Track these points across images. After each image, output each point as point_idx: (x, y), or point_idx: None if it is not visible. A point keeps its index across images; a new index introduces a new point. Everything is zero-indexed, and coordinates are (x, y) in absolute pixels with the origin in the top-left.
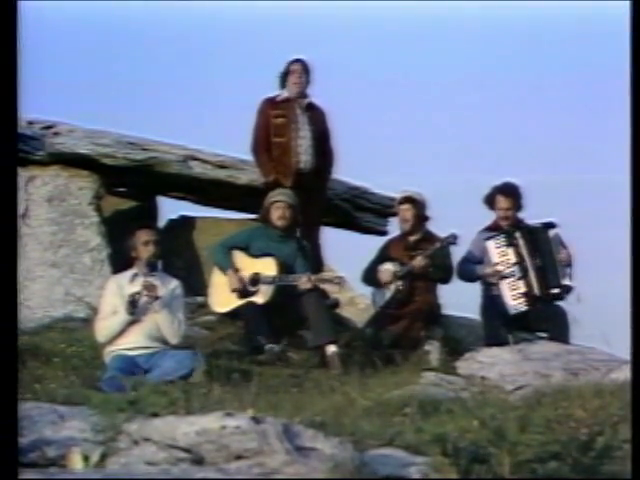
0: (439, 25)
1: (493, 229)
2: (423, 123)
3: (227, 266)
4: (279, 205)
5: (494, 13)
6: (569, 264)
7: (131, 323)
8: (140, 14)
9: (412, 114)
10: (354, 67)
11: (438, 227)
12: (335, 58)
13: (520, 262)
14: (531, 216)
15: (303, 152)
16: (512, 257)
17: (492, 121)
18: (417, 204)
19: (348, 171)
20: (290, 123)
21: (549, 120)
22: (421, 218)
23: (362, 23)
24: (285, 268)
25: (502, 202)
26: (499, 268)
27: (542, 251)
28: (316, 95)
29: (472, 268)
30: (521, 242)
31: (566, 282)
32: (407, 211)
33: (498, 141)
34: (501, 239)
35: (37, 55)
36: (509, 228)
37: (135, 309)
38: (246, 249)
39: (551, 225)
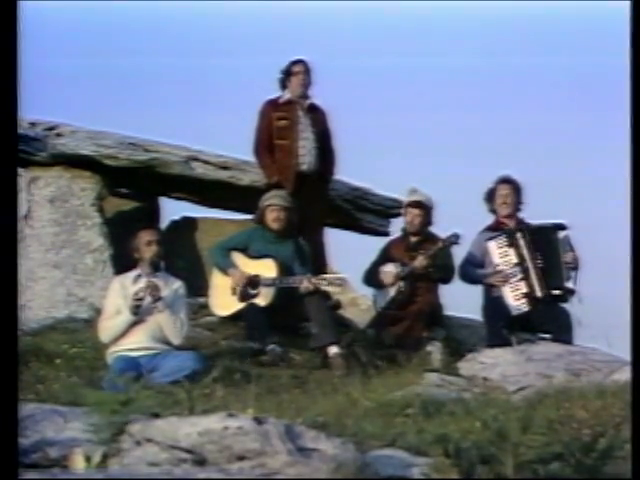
0: (440, 25)
1: (494, 229)
2: (425, 123)
3: (228, 265)
4: (274, 208)
5: (495, 13)
6: (575, 267)
7: (134, 323)
8: (143, 15)
9: (414, 115)
10: (356, 67)
11: (439, 227)
12: (337, 58)
13: (521, 263)
14: (532, 216)
15: (306, 154)
16: (513, 258)
17: (493, 120)
18: (426, 210)
19: (350, 172)
20: (292, 125)
21: (550, 119)
22: (427, 223)
23: (363, 23)
24: (283, 269)
25: (501, 189)
26: (503, 273)
27: (546, 251)
28: (317, 95)
29: (475, 272)
30: (522, 243)
31: (569, 285)
32: (417, 217)
33: (499, 141)
34: (502, 239)
35: (39, 56)
36: (510, 228)
37: (139, 309)
38: (245, 250)
39: (561, 227)
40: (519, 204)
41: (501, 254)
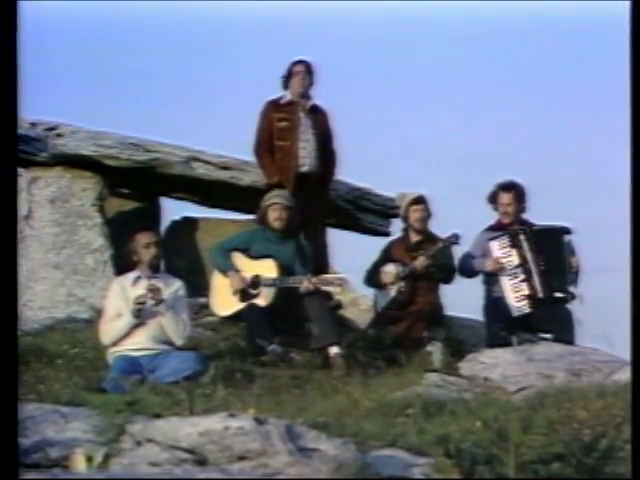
0: (440, 26)
1: (496, 229)
2: (425, 124)
3: (227, 268)
4: (275, 207)
5: (495, 13)
6: (577, 272)
7: (136, 325)
8: (143, 15)
9: (414, 115)
10: (357, 68)
11: (440, 227)
12: (337, 59)
13: (524, 264)
14: (532, 217)
15: (306, 155)
16: (516, 258)
17: (494, 121)
18: (427, 204)
19: (351, 172)
20: (293, 127)
21: (550, 120)
22: (430, 216)
23: (364, 24)
24: (284, 270)
25: (503, 197)
26: (500, 261)
27: (550, 254)
28: (319, 96)
29: (473, 261)
30: (525, 244)
31: (571, 289)
32: (423, 211)
33: (500, 141)
34: (505, 240)
35: (40, 56)
36: (513, 229)
37: (140, 313)
38: (246, 251)
39: (566, 231)
40: (522, 208)
41: (503, 254)
